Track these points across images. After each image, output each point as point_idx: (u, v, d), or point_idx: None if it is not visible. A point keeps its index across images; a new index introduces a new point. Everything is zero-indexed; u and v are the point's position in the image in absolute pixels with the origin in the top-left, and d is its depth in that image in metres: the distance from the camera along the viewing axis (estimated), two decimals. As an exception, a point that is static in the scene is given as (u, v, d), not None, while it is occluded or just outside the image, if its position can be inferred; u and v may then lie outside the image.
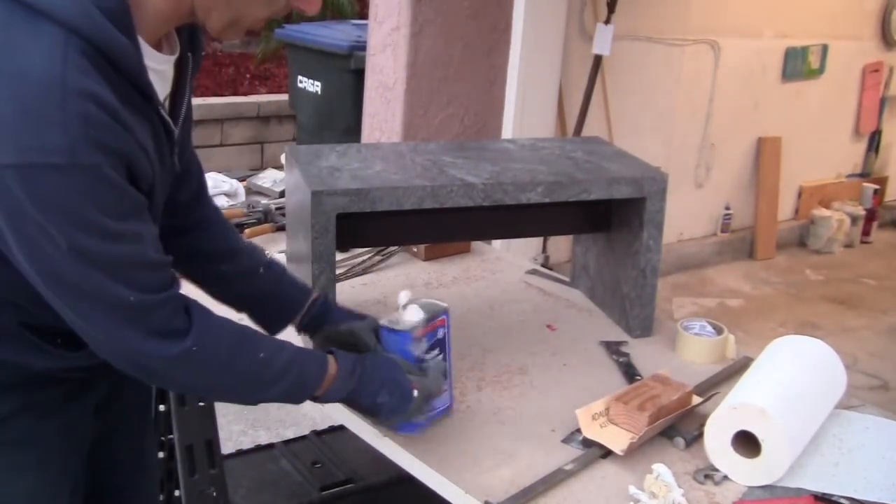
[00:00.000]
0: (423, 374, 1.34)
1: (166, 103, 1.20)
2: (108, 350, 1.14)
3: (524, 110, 3.81)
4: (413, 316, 1.37)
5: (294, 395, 1.29)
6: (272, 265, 1.49)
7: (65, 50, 0.97)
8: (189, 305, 1.17)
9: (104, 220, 1.03)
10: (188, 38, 1.24)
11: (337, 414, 1.54)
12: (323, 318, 1.46)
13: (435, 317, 1.38)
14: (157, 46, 1.14)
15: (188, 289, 1.35)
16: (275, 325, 1.48)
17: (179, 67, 1.22)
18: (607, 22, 4.02)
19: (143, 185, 1.10)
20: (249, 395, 1.27)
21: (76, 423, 1.34)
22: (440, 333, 1.40)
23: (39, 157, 0.96)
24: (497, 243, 2.82)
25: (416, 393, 1.31)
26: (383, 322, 1.38)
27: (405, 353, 1.35)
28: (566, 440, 1.43)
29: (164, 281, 1.14)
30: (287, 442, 2.66)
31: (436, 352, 1.39)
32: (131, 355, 1.14)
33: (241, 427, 3.17)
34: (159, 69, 1.15)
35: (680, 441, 1.42)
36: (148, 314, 1.11)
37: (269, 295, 1.46)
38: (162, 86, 1.17)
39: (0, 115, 0.96)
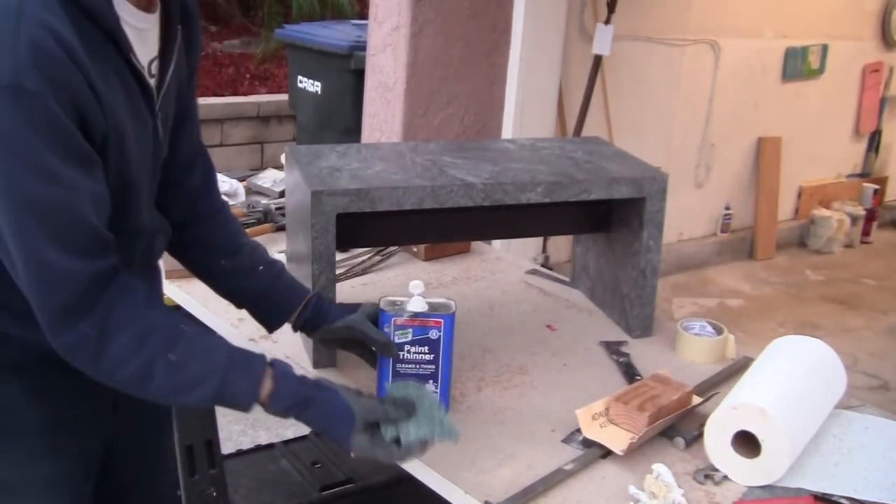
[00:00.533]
0: (383, 437, 1.25)
1: (152, 66, 1.20)
2: (38, 315, 1.12)
3: (524, 110, 3.81)
4: (411, 306, 1.38)
5: (223, 403, 1.22)
6: (272, 264, 1.49)
7: None
8: (108, 288, 1.12)
9: (44, 154, 1.02)
10: (178, 9, 1.24)
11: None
12: (318, 318, 1.46)
13: (429, 315, 1.39)
14: (142, 6, 1.15)
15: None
16: (271, 324, 1.48)
17: (167, 35, 1.22)
18: (607, 22, 4.02)
19: (95, 136, 1.08)
20: (155, 394, 1.19)
21: (93, 415, 1.35)
22: (433, 335, 1.40)
23: None
24: (497, 243, 2.82)
25: (352, 455, 1.25)
26: (383, 302, 1.40)
27: (387, 335, 1.38)
28: (566, 440, 1.43)
29: (92, 250, 1.11)
30: (287, 442, 2.65)
31: (424, 349, 1.40)
32: (48, 328, 1.12)
33: (241, 427, 3.17)
34: (138, 27, 1.15)
35: (680, 441, 1.42)
36: (64, 281, 1.08)
37: (264, 294, 1.46)
38: (143, 46, 1.17)
39: None
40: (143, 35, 1.17)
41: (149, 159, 1.25)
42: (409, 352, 1.41)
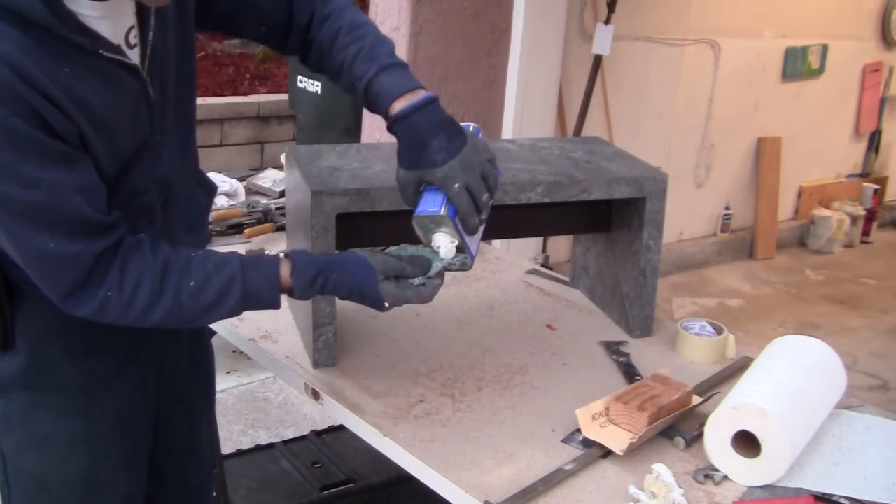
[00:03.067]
0: (415, 276, 1.30)
1: (130, 35, 1.22)
2: (52, 298, 1.20)
3: (524, 110, 3.81)
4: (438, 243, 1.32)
5: (251, 307, 1.29)
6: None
7: None
8: (115, 256, 1.19)
9: (19, 166, 1.09)
10: None
11: (337, 413, 1.54)
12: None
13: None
14: None
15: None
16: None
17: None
18: (607, 22, 4.02)
19: (67, 138, 1.13)
20: (192, 320, 1.28)
21: (136, 376, 1.40)
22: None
23: None
24: (497, 243, 2.82)
25: (387, 305, 1.31)
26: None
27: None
28: (566, 440, 1.43)
29: (91, 232, 1.17)
30: (287, 442, 2.66)
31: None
32: (63, 306, 1.19)
33: (241, 427, 3.18)
34: (103, 15, 1.16)
35: (680, 441, 1.42)
36: (69, 264, 1.16)
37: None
38: (114, 24, 1.19)
39: None
40: (111, 19, 1.19)
41: (145, 123, 1.27)
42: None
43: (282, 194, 2.43)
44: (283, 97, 5.47)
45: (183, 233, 1.40)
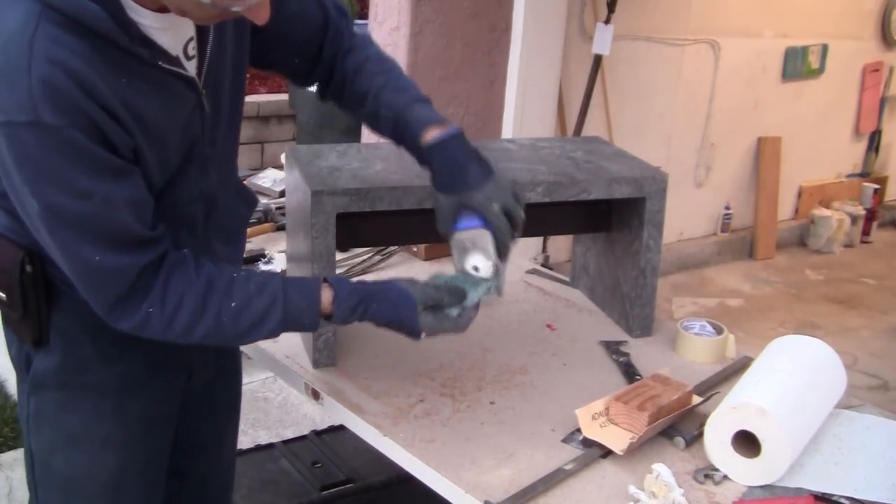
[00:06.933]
0: (453, 306, 1.32)
1: (189, 47, 1.22)
2: (96, 310, 1.21)
3: (524, 110, 3.81)
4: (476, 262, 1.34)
5: (290, 329, 1.30)
6: (389, 106, 1.40)
7: (37, 20, 1.06)
8: (159, 271, 1.20)
9: (74, 176, 1.10)
10: None
11: (337, 413, 1.54)
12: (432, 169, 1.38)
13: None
14: (159, 8, 1.16)
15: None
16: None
17: None
18: (607, 22, 4.02)
19: (122, 151, 1.14)
20: (232, 340, 1.31)
21: (165, 382, 1.42)
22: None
23: (13, 116, 1.06)
24: (497, 243, 2.81)
25: (423, 336, 1.32)
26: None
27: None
28: (566, 440, 1.43)
29: (136, 246, 1.17)
30: (287, 442, 2.65)
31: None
32: (108, 318, 1.20)
33: (241, 427, 3.17)
34: (165, 27, 1.17)
35: (680, 441, 1.42)
36: (113, 277, 1.17)
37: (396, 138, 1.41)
38: (174, 36, 1.19)
39: None
40: (172, 29, 1.19)
41: (198, 135, 1.28)
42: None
43: (282, 194, 2.43)
44: (283, 97, 5.47)
45: (221, 244, 1.41)
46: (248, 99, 5.79)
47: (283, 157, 1.91)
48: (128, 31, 1.12)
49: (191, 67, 1.24)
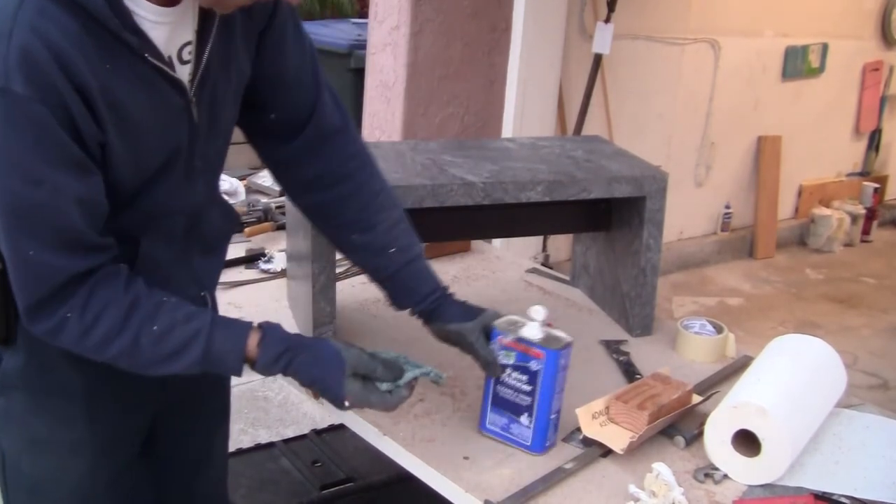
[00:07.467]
0: (388, 382, 1.29)
1: (184, 51, 1.18)
2: (19, 309, 1.15)
3: (524, 109, 3.81)
4: (525, 330, 1.33)
5: (211, 369, 1.22)
6: (406, 249, 1.44)
7: None
8: (89, 280, 1.14)
9: (29, 158, 1.04)
10: None
11: (337, 413, 1.54)
12: (435, 315, 1.43)
13: (532, 344, 1.33)
14: (162, 2, 1.13)
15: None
16: (395, 304, 1.46)
17: (205, 19, 1.20)
18: (607, 21, 4.02)
19: (88, 144, 1.09)
20: (147, 367, 1.20)
21: (138, 388, 1.33)
22: (533, 365, 1.33)
23: None
24: (497, 242, 2.82)
25: (347, 404, 1.26)
26: (503, 320, 1.38)
27: (494, 352, 1.36)
28: (566, 439, 1.43)
29: (74, 249, 1.12)
30: (287, 441, 2.65)
31: (523, 378, 1.34)
32: (24, 318, 1.14)
33: (241, 426, 3.18)
34: (160, 21, 1.14)
35: (680, 440, 1.42)
36: (41, 276, 1.11)
37: (390, 277, 1.44)
38: (170, 35, 1.16)
39: None
40: (171, 27, 1.16)
41: (183, 143, 1.23)
42: (510, 375, 1.36)
43: (282, 194, 2.43)
44: (284, 96, 5.46)
45: (199, 255, 1.36)
46: (248, 98, 5.79)
47: (283, 157, 1.91)
48: (120, 15, 1.08)
49: (182, 72, 1.19)
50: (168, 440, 1.49)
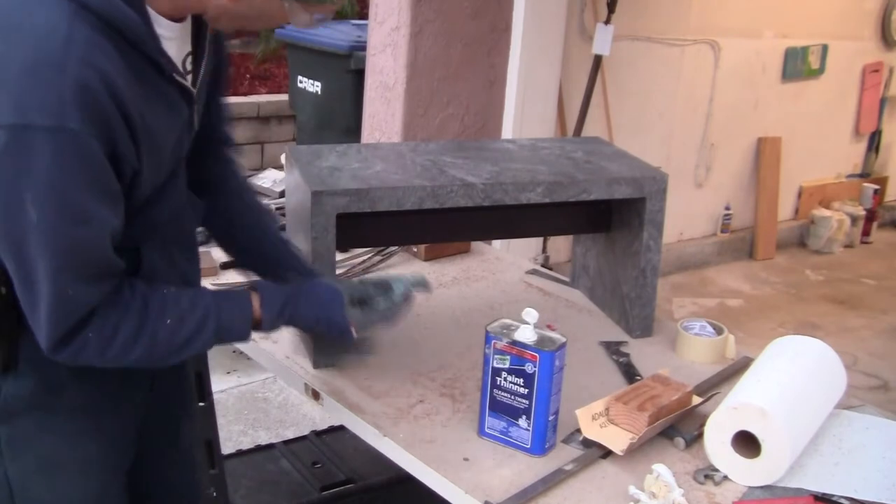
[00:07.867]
0: (375, 305, 1.37)
1: (186, 62, 1.21)
2: (40, 338, 1.14)
3: (524, 110, 3.81)
4: (519, 334, 1.34)
5: (222, 342, 1.28)
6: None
7: (71, 21, 1.01)
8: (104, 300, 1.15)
9: (80, 194, 1.04)
10: None
11: (337, 414, 1.54)
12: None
13: (527, 347, 1.33)
14: (175, 17, 1.15)
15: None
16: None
17: (198, 26, 1.22)
18: (607, 22, 4.02)
19: (125, 171, 1.10)
20: (167, 358, 1.24)
21: (132, 395, 1.37)
22: (528, 368, 1.34)
23: (34, 118, 0.99)
24: (497, 243, 2.82)
25: (354, 331, 1.33)
26: (496, 324, 1.39)
27: (486, 357, 1.38)
28: (566, 440, 1.43)
29: (103, 277, 1.13)
30: (287, 442, 2.65)
31: (519, 381, 1.35)
32: (51, 350, 1.14)
33: (241, 427, 3.18)
34: (173, 36, 1.16)
35: (680, 441, 1.42)
36: (76, 310, 1.11)
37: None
38: (179, 48, 1.18)
39: (7, 74, 1.00)
40: (179, 40, 1.18)
41: (187, 152, 1.28)
42: (505, 379, 1.36)
43: (282, 194, 2.43)
44: (283, 97, 5.46)
45: (180, 253, 1.36)
46: (248, 99, 5.80)
47: (282, 158, 1.91)
48: (153, 39, 1.09)
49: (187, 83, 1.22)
50: (148, 435, 1.47)
